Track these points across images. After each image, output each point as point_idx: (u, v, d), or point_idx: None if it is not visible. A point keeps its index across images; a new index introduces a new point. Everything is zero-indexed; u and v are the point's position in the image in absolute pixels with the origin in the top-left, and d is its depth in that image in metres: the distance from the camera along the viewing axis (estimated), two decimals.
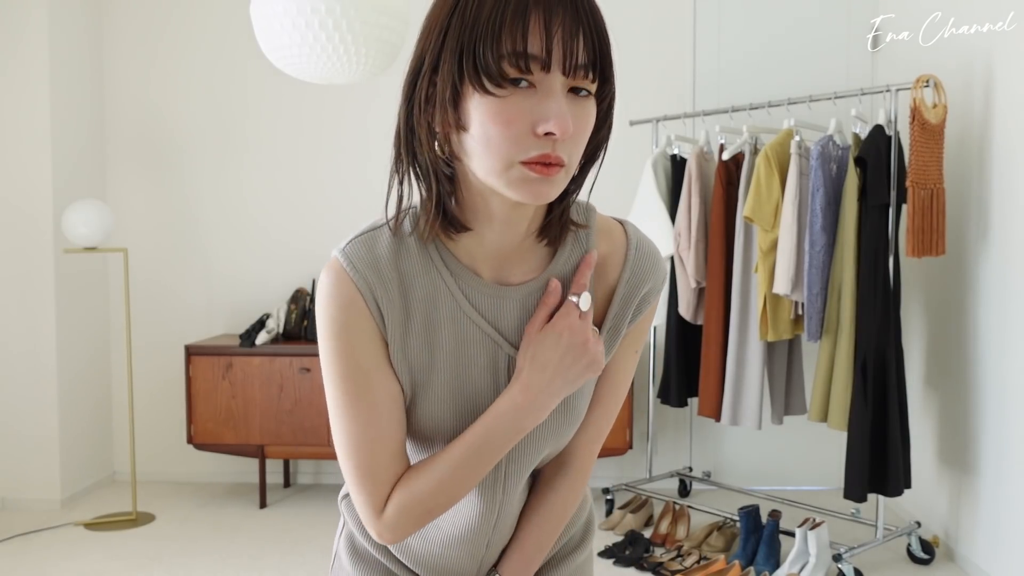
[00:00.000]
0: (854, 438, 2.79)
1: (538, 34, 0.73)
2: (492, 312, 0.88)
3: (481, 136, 0.75)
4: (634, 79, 3.80)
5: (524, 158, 0.75)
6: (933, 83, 2.74)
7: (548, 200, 0.78)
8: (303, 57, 2.31)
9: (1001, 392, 2.70)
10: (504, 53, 0.72)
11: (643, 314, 0.94)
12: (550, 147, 0.75)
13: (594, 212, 0.94)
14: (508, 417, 0.85)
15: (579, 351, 0.85)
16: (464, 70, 0.74)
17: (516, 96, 0.74)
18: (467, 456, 0.86)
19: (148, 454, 4.03)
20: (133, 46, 4.00)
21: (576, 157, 0.79)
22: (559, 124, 0.73)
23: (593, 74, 0.76)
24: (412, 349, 0.87)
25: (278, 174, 3.99)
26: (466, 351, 0.88)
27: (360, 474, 0.87)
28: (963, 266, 2.94)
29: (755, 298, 3.06)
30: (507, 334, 0.89)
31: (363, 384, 0.85)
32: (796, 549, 2.84)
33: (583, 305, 0.87)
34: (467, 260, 0.87)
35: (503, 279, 0.88)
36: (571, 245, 0.90)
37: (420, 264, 0.86)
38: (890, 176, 2.78)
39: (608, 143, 0.87)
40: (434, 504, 0.87)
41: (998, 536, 2.72)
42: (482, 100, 0.74)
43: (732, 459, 3.91)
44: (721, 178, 3.21)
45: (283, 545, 3.23)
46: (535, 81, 0.74)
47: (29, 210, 3.63)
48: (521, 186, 0.76)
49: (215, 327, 4.02)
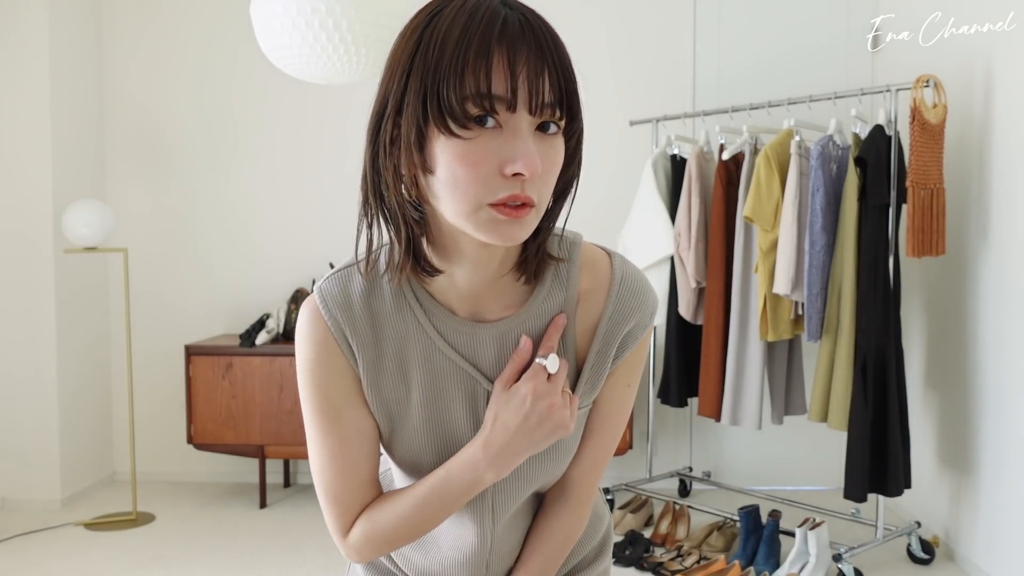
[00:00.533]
0: (854, 438, 2.80)
1: (502, 73, 0.71)
2: (468, 348, 0.88)
3: (448, 179, 0.74)
4: (634, 79, 3.80)
5: (492, 200, 0.74)
6: (933, 83, 2.74)
7: (518, 241, 0.77)
8: (303, 57, 2.31)
9: (1001, 392, 2.70)
10: (468, 94, 0.71)
11: (630, 350, 0.91)
12: (519, 187, 0.73)
13: (578, 245, 0.91)
14: (468, 469, 0.87)
15: (542, 415, 0.84)
16: (428, 112, 0.73)
17: (482, 137, 0.72)
18: (427, 498, 0.88)
19: (148, 454, 4.03)
20: (133, 46, 4.00)
21: (546, 195, 0.78)
22: (527, 164, 0.72)
23: (560, 111, 0.75)
24: (386, 387, 0.89)
25: (278, 174, 3.99)
26: (442, 387, 0.88)
27: (327, 498, 0.91)
28: (963, 266, 2.94)
29: (755, 298, 3.06)
30: (486, 370, 0.89)
31: (333, 419, 0.88)
32: (796, 549, 2.84)
33: (551, 367, 0.85)
34: (441, 297, 0.87)
35: (479, 315, 0.88)
36: (551, 280, 0.88)
37: (393, 302, 0.87)
38: (890, 176, 2.78)
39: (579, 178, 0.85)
40: (395, 536, 0.90)
41: (998, 536, 2.72)
42: (448, 142, 0.73)
43: (732, 459, 3.91)
44: (721, 178, 3.21)
45: (283, 545, 3.23)
46: (501, 121, 0.73)
47: (29, 210, 3.63)
48: (490, 228, 0.75)
49: (215, 327, 4.02)
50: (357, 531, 0.91)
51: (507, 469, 0.87)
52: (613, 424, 0.95)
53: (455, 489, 0.87)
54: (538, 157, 0.73)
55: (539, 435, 0.85)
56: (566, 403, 0.86)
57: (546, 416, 0.85)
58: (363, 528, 0.90)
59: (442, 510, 0.89)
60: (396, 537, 0.90)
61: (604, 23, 3.82)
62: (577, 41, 3.69)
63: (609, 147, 3.80)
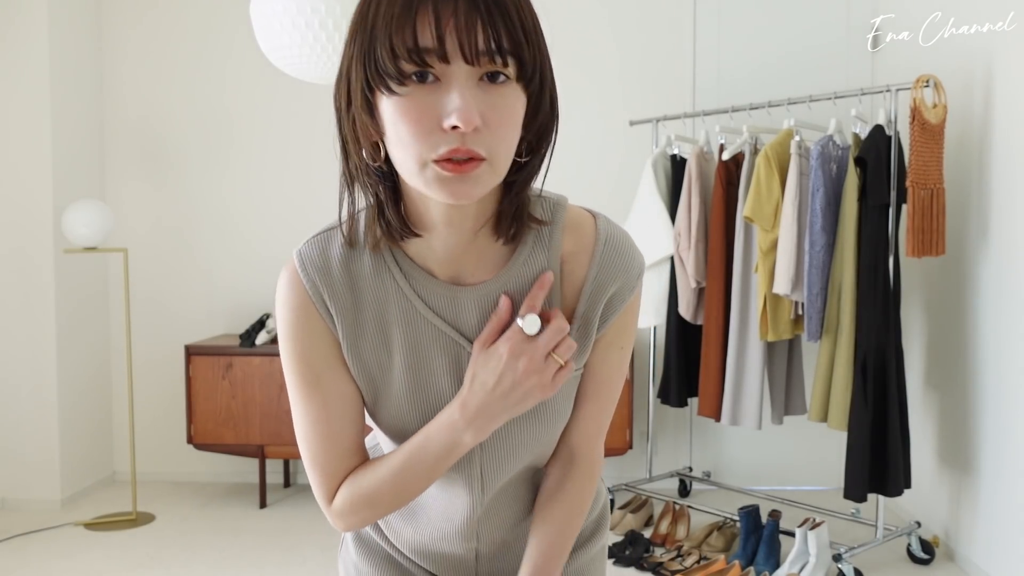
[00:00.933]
0: (854, 438, 2.79)
1: (428, 25, 0.71)
2: (450, 312, 0.87)
3: (395, 138, 0.75)
4: (634, 79, 3.80)
5: (435, 155, 0.73)
6: (933, 83, 2.74)
7: (471, 199, 0.75)
8: (303, 57, 2.31)
9: (1001, 392, 2.70)
10: (399, 52, 0.71)
11: (619, 312, 0.90)
12: (459, 141, 0.72)
13: (563, 207, 0.89)
14: (445, 432, 0.86)
15: (519, 377, 0.83)
16: (368, 75, 0.74)
17: (421, 92, 0.72)
18: (408, 461, 0.87)
19: (148, 454, 4.03)
20: (133, 47, 4.00)
21: (501, 148, 0.75)
22: (462, 115, 0.70)
23: (502, 58, 0.72)
24: (367, 351, 0.88)
25: (279, 173, 3.99)
26: (424, 352, 0.88)
27: (311, 464, 0.91)
28: (963, 266, 2.94)
29: (755, 298, 3.06)
30: (468, 334, 0.87)
31: (314, 383, 0.88)
32: (796, 549, 2.84)
33: (528, 328, 0.83)
34: (420, 261, 0.86)
35: (459, 279, 0.87)
36: (532, 243, 0.87)
37: (372, 266, 0.86)
38: (890, 176, 2.78)
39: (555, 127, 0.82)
40: (379, 501, 0.89)
41: (998, 536, 2.72)
42: (389, 101, 0.73)
43: (732, 459, 3.91)
44: (721, 178, 3.21)
45: (283, 545, 3.23)
46: (439, 74, 0.72)
47: (29, 210, 3.63)
48: (438, 186, 0.74)
49: (215, 327, 4.02)
50: (340, 497, 0.90)
51: (485, 431, 0.85)
52: (608, 388, 0.94)
53: (435, 451, 0.86)
54: (474, 108, 0.71)
55: (515, 396, 0.83)
56: (547, 367, 0.83)
57: (522, 378, 0.83)
58: (346, 493, 0.90)
59: (424, 474, 0.88)
60: (380, 502, 0.89)
61: (604, 23, 3.81)
62: (577, 41, 3.70)
63: (609, 147, 3.80)
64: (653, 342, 3.69)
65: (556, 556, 0.94)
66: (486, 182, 0.75)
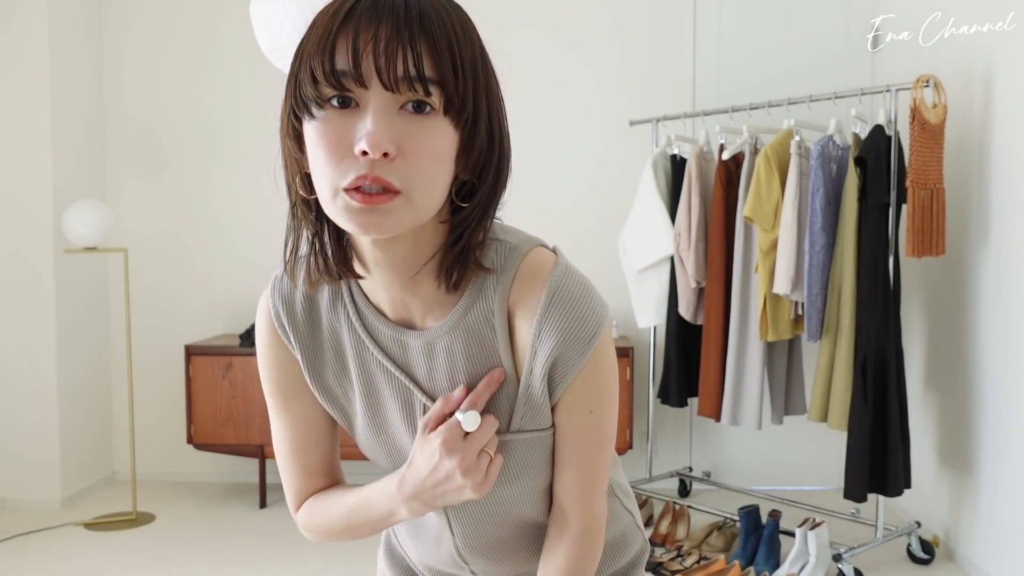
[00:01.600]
0: (854, 438, 2.79)
1: (345, 49, 0.69)
2: (400, 356, 0.84)
3: (313, 165, 0.72)
4: (634, 79, 3.80)
5: (345, 183, 0.69)
6: (933, 83, 2.74)
7: (382, 233, 0.70)
8: None
9: (1001, 392, 2.70)
10: (318, 76, 0.69)
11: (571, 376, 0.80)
12: (367, 168, 0.68)
13: (519, 252, 0.81)
14: (385, 499, 0.86)
15: (448, 473, 0.80)
16: (294, 101, 0.72)
17: (338, 117, 0.70)
18: (354, 512, 0.89)
19: (148, 454, 4.03)
20: (133, 46, 4.00)
21: (418, 182, 0.70)
22: (370, 139, 0.67)
23: (423, 87, 0.69)
24: (330, 379, 0.88)
25: (278, 173, 3.98)
26: (379, 391, 0.86)
27: (282, 474, 0.95)
28: (963, 266, 2.94)
29: (755, 298, 3.06)
30: (419, 380, 0.84)
31: (281, 404, 0.91)
32: (796, 549, 2.84)
33: (467, 425, 0.79)
34: (373, 297, 0.84)
35: (409, 321, 0.83)
36: (478, 292, 0.80)
37: (330, 299, 0.86)
38: (890, 176, 2.78)
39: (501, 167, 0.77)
40: (332, 534, 0.92)
41: (998, 536, 2.72)
42: (310, 126, 0.71)
43: (732, 459, 3.91)
44: (721, 178, 3.21)
45: (283, 545, 3.23)
46: (359, 99, 0.70)
47: (29, 210, 3.63)
48: (347, 216, 0.70)
49: (215, 327, 4.02)
50: (302, 514, 0.94)
51: (420, 512, 0.85)
52: (585, 452, 0.85)
53: (376, 512, 0.87)
54: (385, 134, 0.68)
55: (447, 489, 0.81)
56: (479, 465, 0.80)
57: (452, 475, 0.80)
58: (306, 514, 0.93)
59: (368, 525, 0.89)
60: (333, 534, 0.92)
61: (604, 23, 3.81)
62: (577, 41, 3.69)
63: (609, 147, 3.80)
64: (653, 342, 3.69)
65: None
66: (400, 217, 0.70)
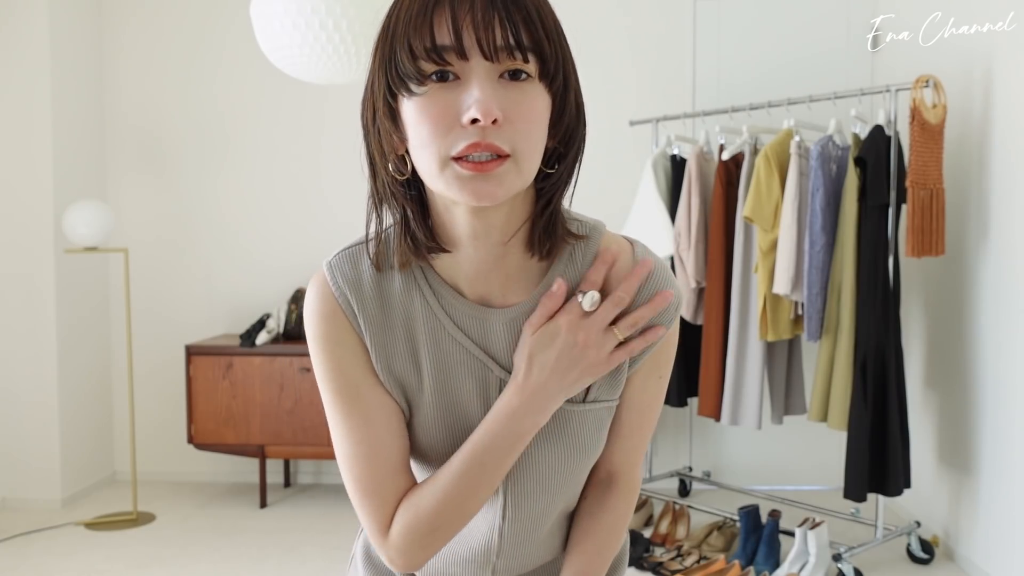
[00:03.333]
0: (854, 438, 2.80)
1: (445, 24, 0.71)
2: (479, 333, 0.84)
3: (415, 140, 0.74)
4: (634, 79, 3.80)
5: (455, 152, 0.72)
6: (933, 83, 2.74)
7: (494, 199, 0.73)
8: (303, 57, 2.31)
9: (1000, 392, 2.70)
10: (417, 52, 0.72)
11: (655, 347, 0.87)
12: (479, 135, 0.71)
13: (599, 230, 0.87)
14: (505, 422, 0.82)
15: (578, 352, 0.81)
16: (390, 79, 0.74)
17: (440, 91, 0.72)
18: (468, 466, 0.83)
19: (148, 454, 4.03)
20: (133, 46, 4.00)
21: (526, 146, 0.73)
22: (480, 107, 0.70)
23: (523, 54, 0.72)
24: (398, 367, 0.85)
25: (278, 173, 3.99)
26: (452, 373, 0.85)
27: (360, 490, 0.85)
28: (963, 266, 2.94)
29: (755, 298, 3.06)
30: (498, 357, 0.85)
31: (353, 396, 0.84)
32: (796, 549, 2.84)
33: (586, 305, 0.81)
34: (449, 279, 0.84)
35: (488, 299, 0.84)
36: (567, 262, 0.84)
37: (403, 282, 0.84)
38: (890, 176, 2.78)
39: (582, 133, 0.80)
40: (441, 522, 0.84)
41: (998, 536, 2.72)
42: (410, 103, 0.73)
43: (732, 459, 3.91)
44: (721, 178, 3.21)
45: (283, 545, 3.23)
46: (459, 72, 0.72)
47: (30, 210, 3.63)
48: (459, 186, 0.73)
49: (215, 327, 4.02)
50: (397, 525, 0.84)
51: (544, 415, 0.82)
52: (650, 417, 0.92)
53: (497, 448, 0.82)
54: (494, 101, 0.70)
55: (572, 375, 0.81)
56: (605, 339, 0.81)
57: (580, 354, 0.81)
58: (403, 519, 0.84)
59: (485, 478, 0.83)
60: (442, 523, 0.84)
61: (604, 23, 3.82)
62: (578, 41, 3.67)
63: (609, 147, 3.80)
64: None
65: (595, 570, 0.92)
66: (510, 182, 0.73)
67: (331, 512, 3.61)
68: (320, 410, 3.55)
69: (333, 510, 3.63)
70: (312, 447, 3.58)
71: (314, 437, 3.57)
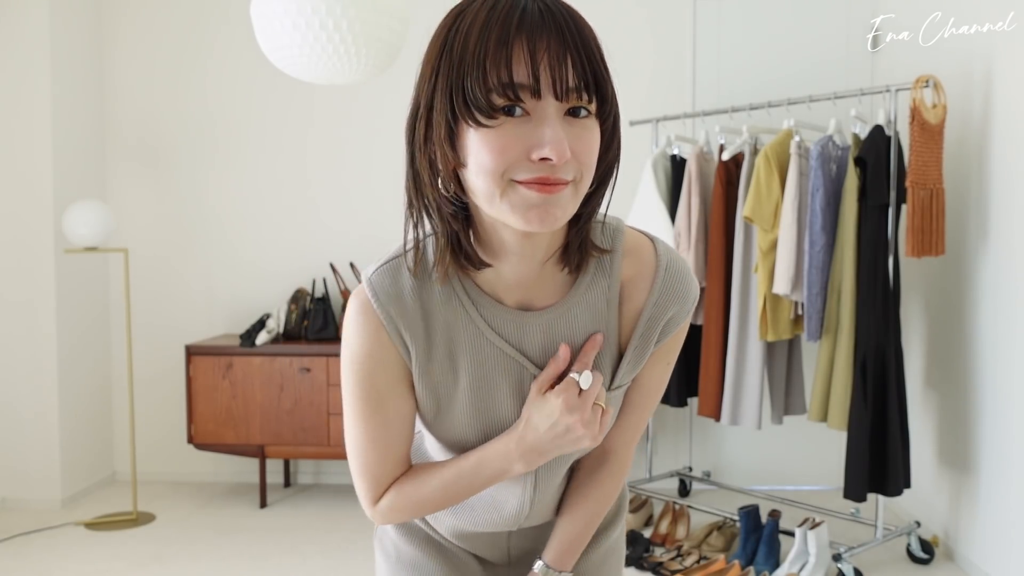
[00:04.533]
0: (854, 438, 2.80)
1: (523, 61, 0.72)
2: (515, 336, 0.91)
3: (476, 166, 0.75)
4: (634, 79, 3.80)
5: (519, 178, 0.75)
6: (933, 83, 2.74)
7: (554, 226, 0.77)
8: (303, 57, 2.31)
9: (1000, 392, 2.70)
10: (492, 85, 0.72)
11: (671, 335, 0.95)
12: (548, 171, 0.74)
13: (621, 232, 0.93)
14: (499, 459, 0.92)
15: (568, 428, 0.88)
16: (456, 107, 0.74)
17: (509, 124, 0.74)
18: (457, 479, 0.94)
19: (148, 454, 4.03)
20: (133, 46, 4.00)
21: (587, 174, 0.78)
22: (555, 149, 0.73)
23: (588, 95, 0.75)
24: (436, 373, 0.92)
25: (278, 174, 3.99)
26: (489, 374, 0.92)
27: (361, 472, 0.96)
28: (963, 266, 2.95)
29: (755, 298, 3.06)
30: (532, 356, 0.92)
31: (377, 405, 0.92)
32: (796, 549, 2.84)
33: (583, 383, 0.89)
34: (489, 289, 0.90)
35: (526, 305, 0.91)
36: (594, 270, 0.91)
37: (442, 294, 0.89)
38: (890, 176, 2.78)
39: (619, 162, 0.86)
40: (423, 509, 0.97)
41: (998, 536, 2.72)
42: (476, 133, 0.74)
43: (732, 459, 3.91)
44: (721, 178, 3.21)
45: (283, 545, 3.23)
46: (528, 109, 0.74)
47: (29, 210, 3.63)
48: (524, 210, 0.76)
49: (215, 327, 4.02)
50: (386, 501, 0.96)
51: (535, 464, 0.92)
52: (652, 398, 1.01)
53: (487, 474, 0.93)
54: (566, 141, 0.73)
55: (565, 443, 0.90)
56: (595, 417, 0.90)
57: (571, 429, 0.89)
58: (392, 499, 0.96)
59: (472, 490, 0.95)
60: (425, 507, 0.97)
61: (604, 23, 3.81)
62: None
63: None
64: None
65: (578, 544, 1.04)
66: (568, 206, 0.78)
67: (331, 512, 3.61)
68: (320, 410, 3.55)
69: (333, 510, 3.63)
70: (312, 447, 3.58)
71: (314, 437, 3.57)
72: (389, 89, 3.83)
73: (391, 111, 3.86)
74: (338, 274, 3.84)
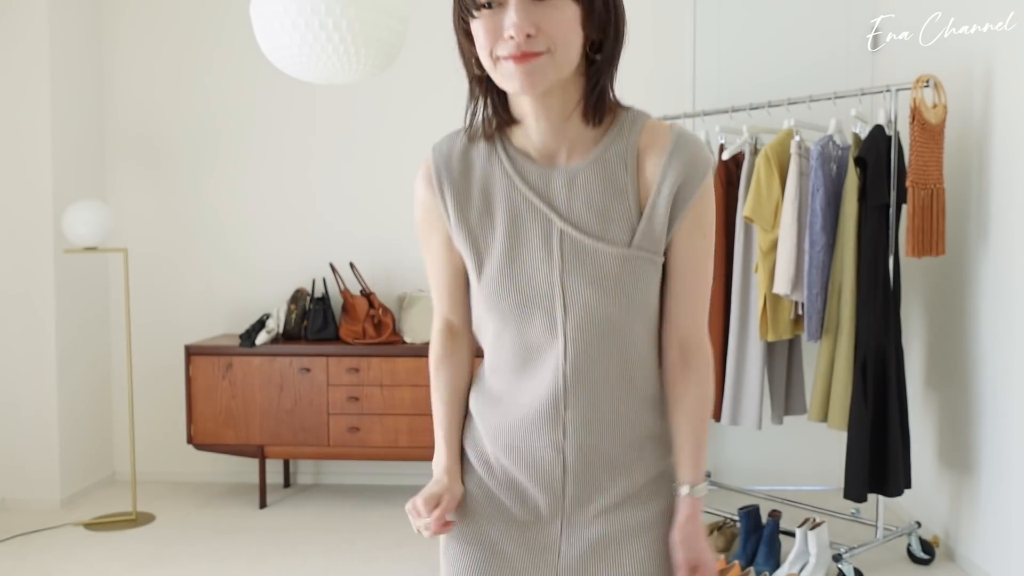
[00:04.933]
0: (854, 438, 2.79)
1: None
2: (542, 188, 1.07)
3: (479, 49, 1.01)
4: (634, 79, 3.80)
5: (500, 53, 0.98)
6: (933, 83, 2.74)
7: (534, 89, 0.98)
8: (303, 57, 2.31)
9: (1001, 392, 2.70)
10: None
11: (690, 201, 1.04)
12: (514, 47, 0.96)
13: (645, 115, 1.09)
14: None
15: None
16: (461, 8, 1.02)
17: (490, 14, 0.98)
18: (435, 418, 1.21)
19: (148, 454, 4.03)
20: (133, 46, 4.00)
21: (560, 44, 0.97)
22: (515, 28, 0.95)
23: None
24: (473, 218, 1.09)
25: (278, 174, 3.99)
26: (521, 224, 1.07)
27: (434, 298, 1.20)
28: (963, 266, 2.94)
29: (755, 298, 3.06)
30: (559, 209, 1.06)
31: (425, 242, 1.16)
32: (796, 549, 2.84)
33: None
34: (522, 148, 1.08)
35: (554, 162, 1.07)
36: (616, 133, 1.06)
37: (485, 152, 1.10)
38: (890, 176, 2.78)
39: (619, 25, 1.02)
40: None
41: (998, 536, 2.72)
42: (473, 23, 1.00)
43: (732, 459, 3.91)
44: (721, 178, 3.21)
45: (283, 545, 3.23)
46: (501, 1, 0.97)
47: (29, 210, 3.63)
48: (509, 78, 0.98)
49: (215, 327, 4.02)
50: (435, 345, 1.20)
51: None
52: (703, 276, 1.09)
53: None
54: (526, 20, 0.94)
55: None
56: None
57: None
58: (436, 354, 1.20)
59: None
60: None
61: None
62: None
63: None
64: None
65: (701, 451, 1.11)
66: (546, 72, 0.97)
67: (330, 512, 3.61)
68: (319, 410, 3.55)
69: (332, 510, 3.63)
70: (312, 447, 3.57)
71: (314, 437, 3.56)
72: (389, 89, 3.83)
73: (391, 111, 3.86)
74: (338, 274, 3.84)
